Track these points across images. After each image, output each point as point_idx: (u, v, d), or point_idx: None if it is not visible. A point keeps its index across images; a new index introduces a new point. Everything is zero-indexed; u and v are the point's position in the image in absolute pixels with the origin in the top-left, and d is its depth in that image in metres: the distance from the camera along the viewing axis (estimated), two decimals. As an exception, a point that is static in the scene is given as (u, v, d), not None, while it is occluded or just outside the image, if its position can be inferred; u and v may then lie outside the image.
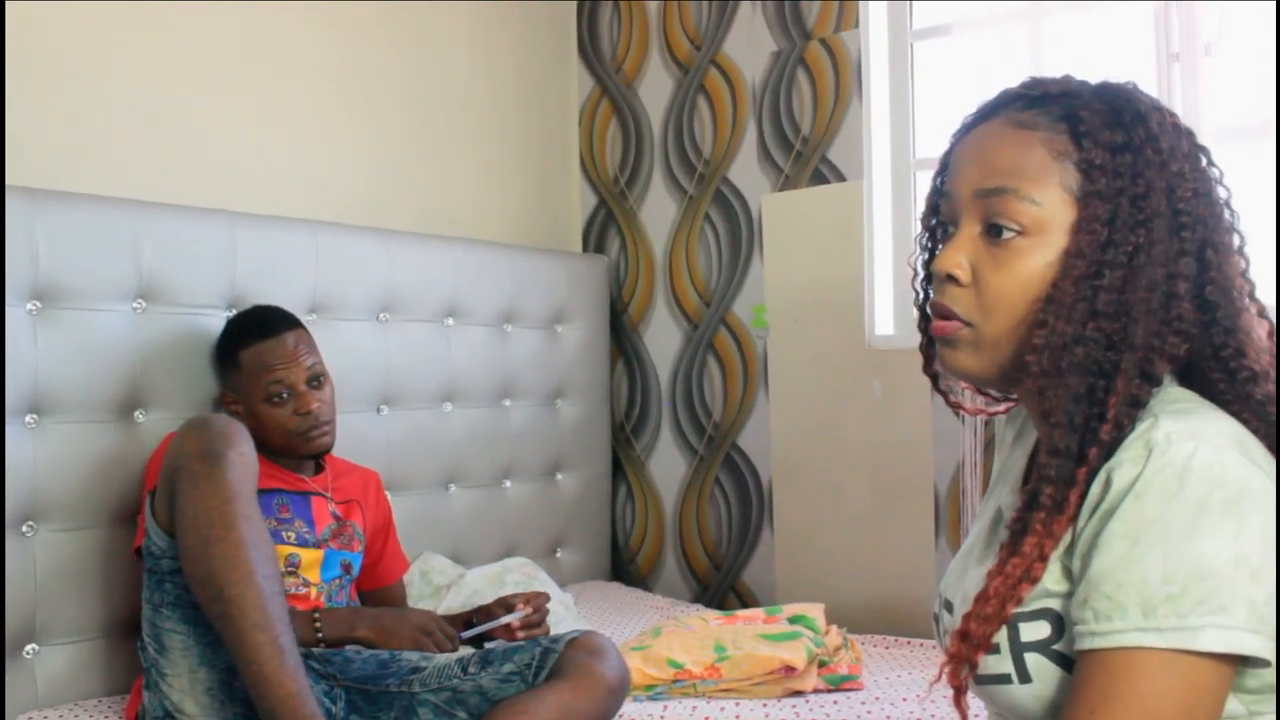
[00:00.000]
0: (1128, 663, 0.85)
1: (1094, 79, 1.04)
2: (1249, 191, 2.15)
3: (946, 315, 1.03)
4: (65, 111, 2.29)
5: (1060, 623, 0.94)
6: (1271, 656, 0.86)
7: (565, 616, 2.44)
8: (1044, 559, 0.94)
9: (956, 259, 1.01)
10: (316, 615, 1.97)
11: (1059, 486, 0.94)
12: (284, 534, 2.06)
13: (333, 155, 2.77)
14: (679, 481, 3.17)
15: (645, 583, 3.22)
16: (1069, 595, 0.93)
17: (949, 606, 1.13)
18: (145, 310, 2.19)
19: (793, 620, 2.27)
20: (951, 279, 1.02)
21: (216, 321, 2.27)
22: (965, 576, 1.11)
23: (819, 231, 2.85)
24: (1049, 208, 0.98)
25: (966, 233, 1.02)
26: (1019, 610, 0.95)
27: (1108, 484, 0.90)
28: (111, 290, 2.14)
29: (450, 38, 3.04)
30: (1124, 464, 0.90)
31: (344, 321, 2.53)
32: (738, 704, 2.02)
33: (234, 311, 2.28)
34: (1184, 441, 0.88)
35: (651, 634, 2.25)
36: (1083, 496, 0.94)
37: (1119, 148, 0.97)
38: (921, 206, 1.16)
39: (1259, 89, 2.25)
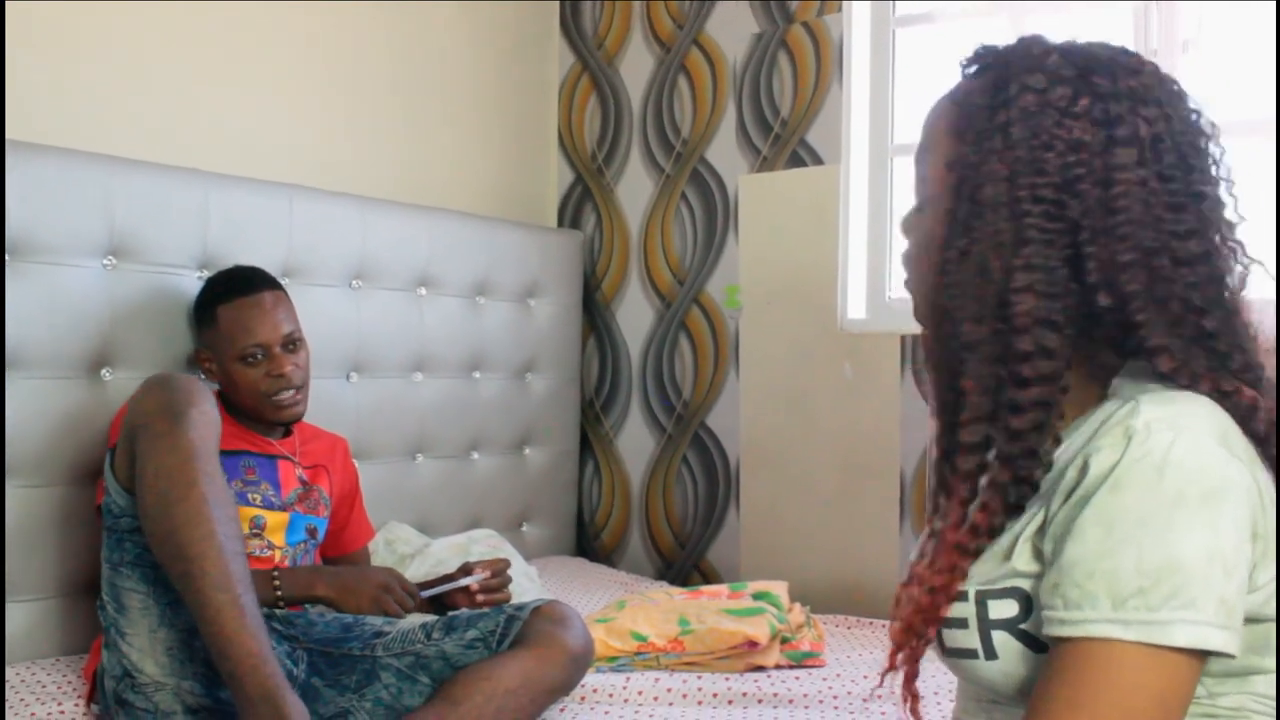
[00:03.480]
0: (1102, 654, 0.85)
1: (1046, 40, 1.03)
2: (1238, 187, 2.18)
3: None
4: (39, 64, 2.25)
5: (1029, 603, 0.93)
6: (1235, 650, 0.85)
7: (529, 589, 2.44)
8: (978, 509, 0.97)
9: (905, 225, 1.08)
10: (275, 574, 1.94)
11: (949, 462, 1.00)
12: (250, 496, 2.04)
13: (310, 120, 2.75)
14: (646, 459, 3.18)
15: (610, 559, 3.23)
16: (1039, 577, 0.92)
17: None
18: (116, 268, 2.16)
19: (757, 596, 2.29)
20: None
21: (188, 282, 2.25)
22: None
23: (795, 214, 2.86)
24: (932, 184, 1.02)
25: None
26: (988, 587, 0.96)
27: (1084, 469, 0.89)
28: (82, 246, 2.11)
29: (433, 7, 3.02)
30: (1102, 450, 0.88)
31: (316, 287, 2.51)
32: (700, 677, 2.03)
33: (206, 272, 2.26)
34: (1163, 431, 0.87)
35: (616, 607, 2.26)
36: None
37: (978, 132, 0.98)
38: (898, 192, 1.23)
39: (1237, 86, 2.28)
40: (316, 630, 1.90)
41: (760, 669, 2.08)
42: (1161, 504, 0.85)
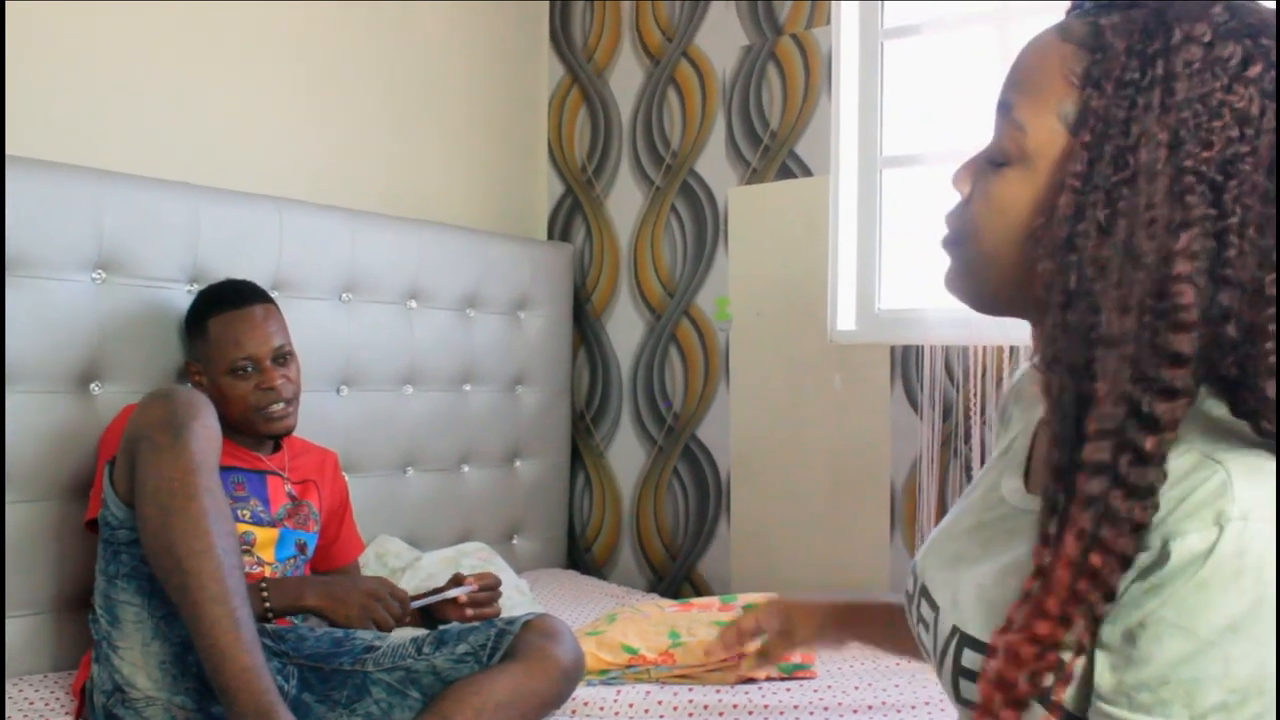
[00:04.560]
0: None
1: None
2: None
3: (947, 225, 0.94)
4: (29, 78, 2.25)
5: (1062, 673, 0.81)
6: None
7: (520, 602, 2.44)
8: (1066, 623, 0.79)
9: (964, 174, 0.92)
10: (264, 585, 1.93)
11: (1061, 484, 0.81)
12: (239, 512, 2.03)
13: (300, 133, 2.75)
14: (637, 471, 3.18)
15: (601, 572, 3.22)
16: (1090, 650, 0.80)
17: (926, 594, 0.99)
18: (105, 281, 2.16)
19: (747, 609, 2.28)
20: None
21: (177, 295, 2.25)
22: (957, 573, 0.96)
23: (784, 226, 2.86)
24: (1035, 137, 0.85)
25: (984, 150, 0.91)
26: None
27: (1164, 549, 0.76)
28: (71, 260, 2.11)
29: (422, 20, 3.02)
30: (1188, 535, 0.75)
31: (306, 300, 2.51)
32: (691, 689, 2.03)
33: (195, 286, 2.26)
34: (1262, 524, 0.74)
35: (606, 619, 2.26)
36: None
37: (1124, 83, 0.80)
38: (887, 204, 1.10)
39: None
40: (307, 646, 1.89)
41: (751, 681, 2.08)
42: (1257, 609, 0.73)
